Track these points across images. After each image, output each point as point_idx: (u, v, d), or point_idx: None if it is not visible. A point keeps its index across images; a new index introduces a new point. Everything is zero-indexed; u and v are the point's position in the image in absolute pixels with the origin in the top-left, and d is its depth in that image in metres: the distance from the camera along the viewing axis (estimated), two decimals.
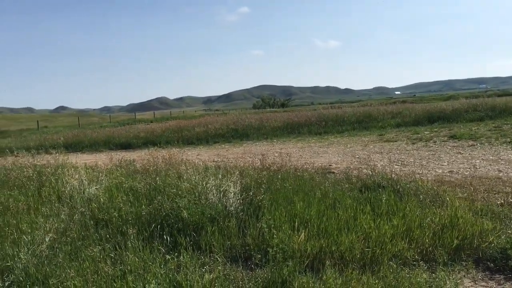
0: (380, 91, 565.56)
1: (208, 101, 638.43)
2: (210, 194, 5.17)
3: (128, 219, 4.97)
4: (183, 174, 6.36)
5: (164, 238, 4.45)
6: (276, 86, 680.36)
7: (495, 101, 19.62)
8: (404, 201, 5.43)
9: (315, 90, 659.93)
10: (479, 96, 31.66)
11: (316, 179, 7.06)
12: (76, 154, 17.36)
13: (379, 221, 4.73)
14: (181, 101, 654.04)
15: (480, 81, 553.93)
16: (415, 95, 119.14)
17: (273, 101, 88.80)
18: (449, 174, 8.12)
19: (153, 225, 4.70)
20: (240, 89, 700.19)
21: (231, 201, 5.11)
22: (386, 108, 23.63)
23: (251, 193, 5.42)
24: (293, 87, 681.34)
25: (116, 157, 10.82)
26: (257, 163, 8.56)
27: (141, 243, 4.31)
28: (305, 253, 4.04)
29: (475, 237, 4.38)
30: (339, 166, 9.66)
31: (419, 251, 4.23)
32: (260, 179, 6.16)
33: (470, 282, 3.84)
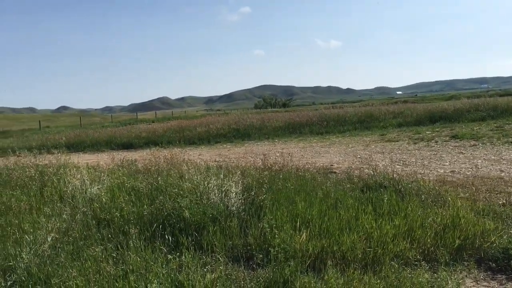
0: (381, 91, 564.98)
1: (209, 101, 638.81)
2: (211, 194, 5.17)
3: (130, 219, 4.98)
4: (184, 174, 6.37)
5: (166, 238, 4.46)
6: (277, 86, 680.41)
7: (497, 101, 19.59)
8: (405, 201, 5.42)
9: (317, 90, 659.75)
10: (480, 96, 31.61)
11: (317, 179, 7.05)
12: (78, 154, 17.38)
13: (380, 221, 4.73)
14: (183, 101, 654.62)
15: (481, 81, 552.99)
16: (417, 95, 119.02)
17: (275, 101, 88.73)
18: (451, 174, 8.11)
19: (155, 225, 4.71)
20: (241, 89, 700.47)
21: (232, 201, 5.11)
22: (387, 108, 23.60)
23: (252, 193, 5.42)
24: (295, 87, 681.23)
25: (118, 157, 10.82)
26: (258, 163, 8.56)
27: (143, 242, 4.32)
28: (306, 253, 4.04)
29: (477, 237, 4.38)
30: (341, 166, 9.66)
31: (421, 251, 4.22)
32: (261, 179, 6.15)
33: (472, 282, 3.84)
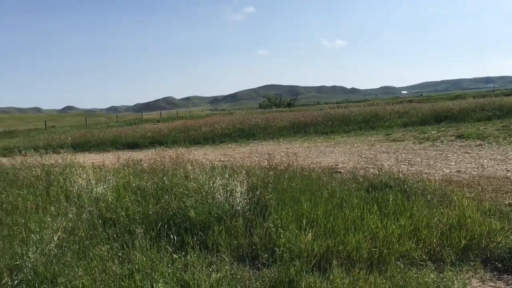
0: (386, 90, 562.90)
1: (214, 100, 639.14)
2: (217, 193, 5.18)
3: (135, 218, 5.00)
4: (190, 173, 6.38)
5: (171, 237, 4.47)
6: (282, 85, 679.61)
7: (503, 100, 19.48)
8: (411, 201, 5.41)
9: (321, 89, 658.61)
10: (486, 95, 31.43)
11: (323, 179, 7.04)
12: (83, 153, 17.45)
13: (386, 221, 4.71)
14: (188, 101, 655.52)
15: (487, 80, 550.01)
16: (422, 94, 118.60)
17: (279, 101, 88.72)
18: (456, 173, 8.07)
19: (160, 224, 4.72)
20: (246, 88, 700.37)
21: (238, 200, 5.11)
22: (392, 107, 23.52)
23: (258, 192, 5.42)
24: (299, 87, 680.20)
25: (123, 156, 10.86)
26: (263, 163, 8.56)
27: (148, 242, 4.34)
28: (312, 253, 4.04)
29: (483, 237, 4.36)
30: (346, 165, 9.64)
31: (426, 251, 4.21)
32: (266, 178, 6.16)
33: (478, 282, 3.83)
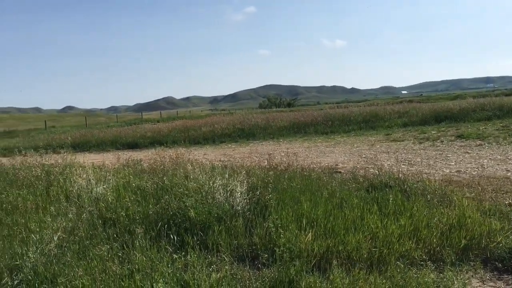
0: (386, 90, 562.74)
1: (214, 100, 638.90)
2: (217, 193, 5.18)
3: (135, 218, 5.00)
4: (190, 173, 6.38)
5: (171, 237, 4.47)
6: (282, 85, 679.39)
7: (503, 100, 19.48)
8: (411, 201, 5.41)
9: (321, 89, 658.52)
10: (486, 95, 31.43)
11: (323, 179, 7.04)
12: (83, 153, 17.45)
13: (386, 221, 4.71)
14: (188, 101, 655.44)
15: (487, 80, 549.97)
16: (422, 94, 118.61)
17: (279, 101, 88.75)
18: (456, 173, 8.07)
19: (160, 224, 4.72)
20: (246, 88, 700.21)
21: (238, 200, 5.11)
22: (392, 107, 23.52)
23: (258, 192, 5.42)
24: (299, 87, 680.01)
25: (123, 156, 10.86)
26: (263, 163, 8.56)
27: (148, 242, 4.33)
28: (312, 253, 4.04)
29: (483, 237, 4.36)
30: (346, 165, 9.64)
31: (426, 251, 4.21)
32: (266, 178, 6.16)
33: (478, 282, 3.82)
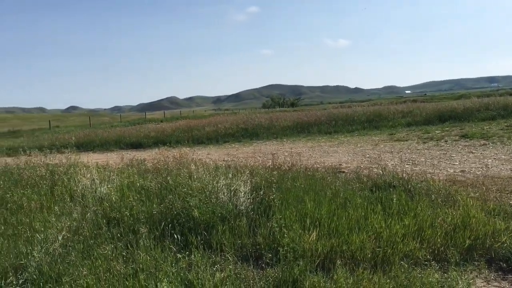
0: (390, 90, 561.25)
1: (217, 100, 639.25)
2: (220, 193, 5.18)
3: (139, 218, 5.01)
4: (193, 173, 6.38)
5: (175, 237, 4.47)
6: (285, 85, 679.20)
7: (507, 100, 19.41)
8: (415, 201, 5.40)
9: (325, 89, 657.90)
10: (490, 94, 31.33)
11: (326, 179, 7.03)
12: (87, 153, 17.52)
13: (390, 220, 4.71)
14: (191, 101, 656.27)
15: (491, 79, 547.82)
16: (426, 94, 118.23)
17: (283, 101, 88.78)
18: (460, 173, 8.05)
19: (164, 224, 4.72)
20: (249, 88, 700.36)
21: (241, 200, 5.12)
22: (396, 107, 23.49)
23: (261, 192, 5.42)
24: (303, 87, 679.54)
25: (127, 156, 10.90)
26: (267, 163, 8.56)
27: (152, 241, 4.34)
28: (316, 253, 4.03)
29: (487, 237, 4.35)
30: (350, 165, 9.63)
31: (430, 251, 4.20)
32: (270, 178, 6.16)
33: (482, 282, 3.81)
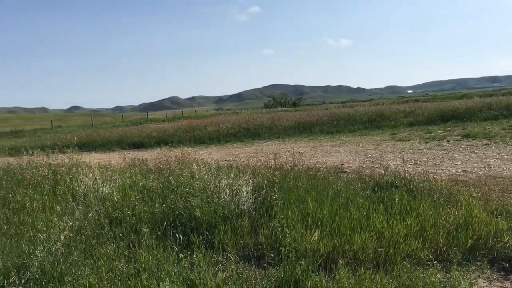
0: (392, 90, 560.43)
1: (219, 100, 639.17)
2: (222, 193, 5.19)
3: (141, 217, 5.01)
4: (195, 173, 6.39)
5: (177, 236, 4.48)
6: (287, 85, 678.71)
7: (510, 100, 19.35)
8: (417, 201, 5.39)
9: (327, 89, 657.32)
10: (493, 94, 31.24)
11: (328, 179, 7.03)
12: (89, 153, 17.53)
13: (392, 220, 4.70)
14: (193, 101, 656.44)
15: (494, 79, 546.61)
16: (428, 93, 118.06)
17: (285, 100, 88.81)
18: (463, 173, 8.03)
19: (166, 224, 4.73)
20: (251, 88, 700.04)
21: (243, 200, 5.12)
22: (398, 107, 23.46)
23: (263, 192, 5.42)
24: (305, 86, 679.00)
25: (129, 156, 10.91)
26: (269, 162, 8.56)
27: (154, 241, 4.35)
28: (318, 252, 4.03)
29: (490, 237, 4.34)
30: (352, 165, 9.62)
31: (433, 251, 4.20)
32: (272, 178, 6.16)
33: (485, 282, 3.81)
